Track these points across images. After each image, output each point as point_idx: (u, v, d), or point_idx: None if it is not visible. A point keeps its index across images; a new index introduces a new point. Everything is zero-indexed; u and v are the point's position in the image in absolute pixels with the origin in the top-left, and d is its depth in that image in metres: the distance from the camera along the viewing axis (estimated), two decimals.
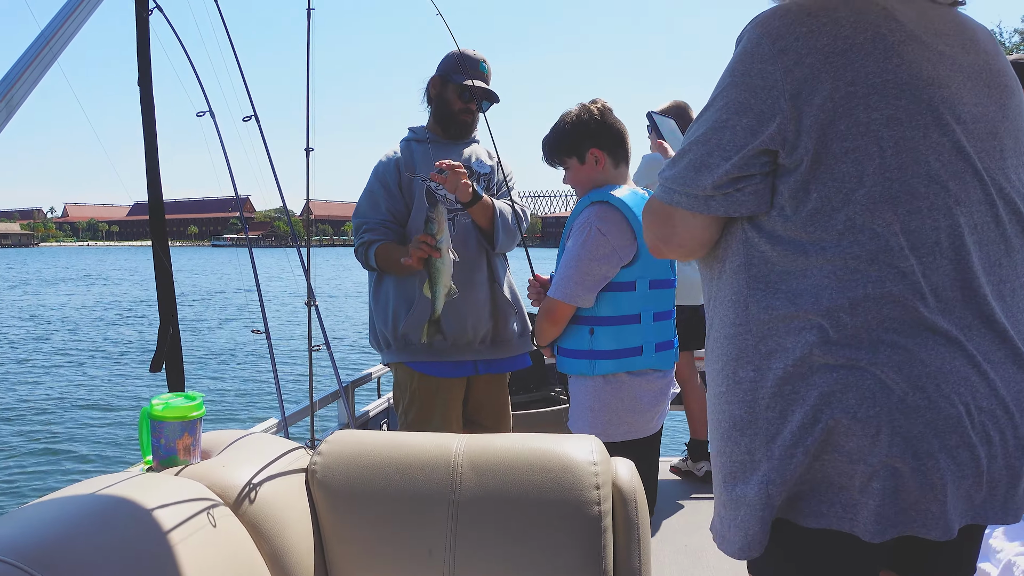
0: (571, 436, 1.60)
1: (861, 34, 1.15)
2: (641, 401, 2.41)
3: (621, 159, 2.50)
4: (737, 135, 1.18)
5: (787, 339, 1.16)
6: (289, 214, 2.57)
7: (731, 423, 1.23)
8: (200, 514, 1.30)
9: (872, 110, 1.13)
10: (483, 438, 1.60)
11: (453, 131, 2.89)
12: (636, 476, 1.57)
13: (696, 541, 3.16)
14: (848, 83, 1.13)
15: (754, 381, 1.20)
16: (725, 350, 1.25)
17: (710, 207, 1.23)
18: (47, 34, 1.44)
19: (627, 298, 2.36)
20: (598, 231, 2.31)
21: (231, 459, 1.51)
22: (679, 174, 1.26)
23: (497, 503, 1.47)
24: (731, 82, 1.21)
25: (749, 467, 1.20)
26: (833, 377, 1.13)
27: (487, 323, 2.81)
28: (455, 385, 2.83)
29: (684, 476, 4.02)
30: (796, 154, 1.15)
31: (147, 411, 1.47)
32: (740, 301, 1.23)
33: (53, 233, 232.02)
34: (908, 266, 1.12)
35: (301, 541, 1.47)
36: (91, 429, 9.94)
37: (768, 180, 1.20)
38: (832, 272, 1.14)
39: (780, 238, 1.18)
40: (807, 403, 1.14)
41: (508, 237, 2.80)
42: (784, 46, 1.15)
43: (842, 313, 1.13)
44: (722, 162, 1.19)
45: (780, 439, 1.16)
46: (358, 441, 1.62)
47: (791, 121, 1.14)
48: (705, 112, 1.25)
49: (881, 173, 1.12)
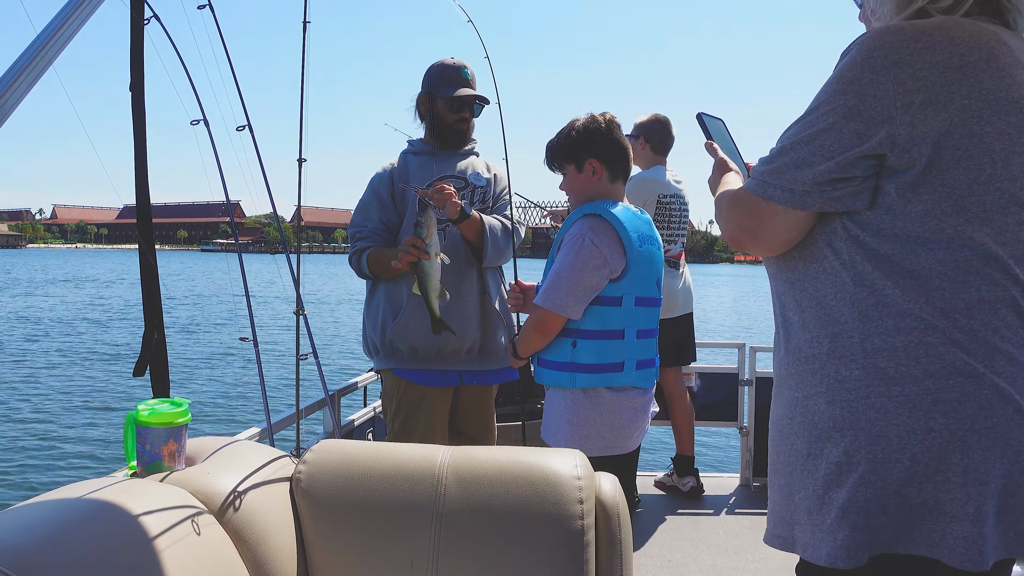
0: (555, 450, 1.61)
1: (976, 53, 1.18)
2: (620, 417, 2.40)
3: (619, 175, 2.50)
4: (843, 138, 1.21)
5: (897, 338, 1.18)
6: (280, 221, 2.57)
7: (830, 423, 1.23)
8: (184, 521, 1.30)
9: (985, 123, 1.17)
10: (468, 450, 1.60)
11: (453, 141, 2.93)
12: (620, 491, 1.58)
13: (679, 556, 3.17)
14: (964, 96, 1.16)
15: (859, 380, 1.20)
16: (824, 348, 1.25)
17: (805, 203, 1.25)
18: (42, 39, 1.45)
19: (612, 313, 2.36)
20: (591, 242, 2.31)
21: (216, 466, 1.51)
22: (777, 169, 1.28)
23: (481, 515, 1.48)
24: (839, 89, 1.22)
25: (846, 469, 1.20)
26: (950, 384, 1.14)
27: (475, 334, 2.82)
28: (440, 394, 2.84)
29: (668, 491, 4.03)
30: (908, 156, 1.18)
31: (132, 416, 1.47)
32: (843, 299, 1.24)
33: (41, 235, 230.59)
34: (1017, 274, 1.17)
35: (284, 550, 1.47)
36: (76, 433, 9.85)
37: (870, 182, 1.22)
38: (944, 273, 1.17)
39: (887, 235, 1.21)
40: (919, 408, 1.15)
41: (496, 253, 2.82)
42: (898, 59, 1.18)
43: (958, 314, 1.15)
44: (824, 161, 1.22)
45: (884, 442, 1.17)
46: (343, 450, 1.62)
47: (903, 127, 1.17)
48: (807, 116, 1.26)
49: (991, 183, 1.17)
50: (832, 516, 1.21)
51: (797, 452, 1.29)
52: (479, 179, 2.92)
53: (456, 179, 2.86)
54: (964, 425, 1.13)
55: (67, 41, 1.49)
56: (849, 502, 1.18)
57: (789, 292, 1.36)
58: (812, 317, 1.29)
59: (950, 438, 1.13)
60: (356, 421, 3.34)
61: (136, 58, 1.79)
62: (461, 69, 2.90)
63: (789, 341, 1.34)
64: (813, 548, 1.24)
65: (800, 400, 1.29)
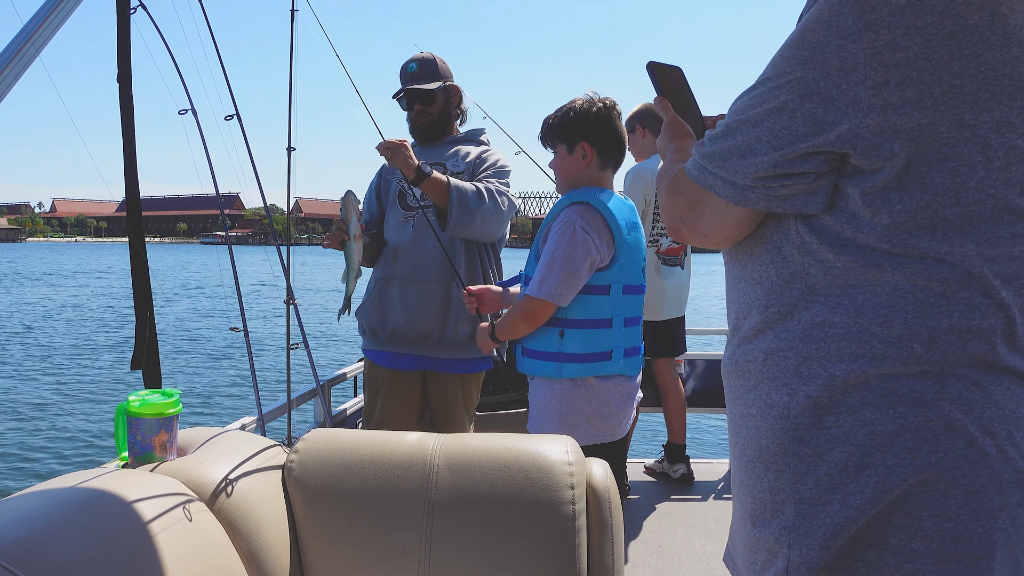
0: (546, 436, 1.62)
1: (976, 13, 0.91)
2: (608, 405, 2.39)
3: (609, 162, 2.47)
4: (796, 122, 0.98)
5: (837, 365, 0.99)
6: (271, 212, 2.57)
7: (756, 452, 1.07)
8: (176, 510, 1.30)
9: (981, 111, 0.92)
10: (459, 437, 1.61)
11: (418, 136, 3.00)
12: (611, 476, 1.58)
13: (670, 542, 3.18)
14: (955, 75, 0.91)
15: (787, 407, 1.02)
16: (758, 366, 1.07)
17: (748, 199, 1.05)
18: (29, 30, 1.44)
19: (600, 302, 2.35)
20: (581, 229, 2.29)
21: (207, 456, 1.51)
22: (719, 153, 1.06)
23: (472, 502, 1.48)
24: (798, 56, 0.98)
25: (771, 508, 1.04)
26: (889, 414, 0.96)
27: (434, 321, 2.82)
28: (399, 377, 2.90)
29: (659, 477, 4.05)
30: (877, 156, 0.95)
31: (123, 407, 1.48)
32: (787, 314, 1.04)
33: (41, 228, 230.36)
34: (1002, 298, 0.94)
35: (277, 538, 1.48)
36: (67, 425, 9.85)
37: (827, 179, 1.00)
38: (911, 292, 0.95)
39: (848, 245, 0.99)
40: (852, 442, 0.97)
41: (464, 214, 2.71)
42: (873, 20, 0.92)
43: (916, 344, 0.95)
44: (770, 150, 1.00)
45: (811, 481, 1.00)
46: (335, 439, 1.62)
47: (872, 115, 0.93)
48: (759, 87, 1.03)
49: (983, 189, 0.93)
50: (760, 559, 1.06)
51: (735, 473, 1.16)
52: (457, 164, 2.91)
53: (436, 165, 2.87)
54: (903, 461, 0.94)
55: (54, 31, 1.48)
56: (775, 546, 1.03)
57: (732, 289, 1.18)
58: (753, 325, 1.10)
59: (887, 475, 0.95)
60: (348, 410, 3.36)
61: (123, 48, 1.78)
62: (406, 66, 2.98)
63: (734, 345, 1.16)
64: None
65: (736, 419, 1.14)
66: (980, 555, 0.94)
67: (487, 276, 2.91)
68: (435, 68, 2.97)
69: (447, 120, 2.99)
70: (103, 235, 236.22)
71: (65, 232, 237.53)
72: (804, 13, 1.03)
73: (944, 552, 0.94)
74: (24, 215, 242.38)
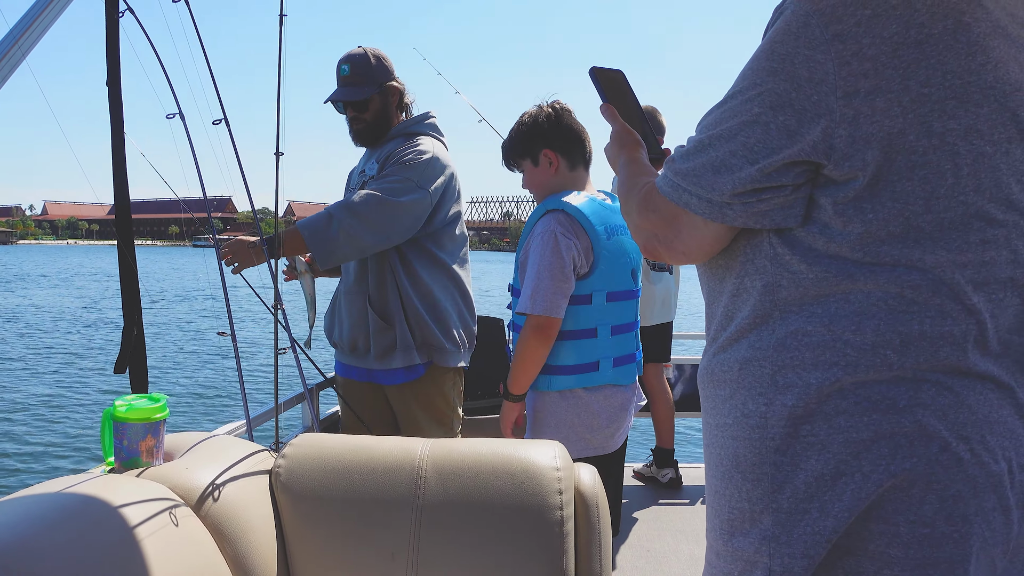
0: (534, 441, 1.61)
1: (940, 22, 0.94)
2: (599, 418, 2.35)
3: (578, 161, 2.42)
4: (770, 135, 0.98)
5: (812, 374, 0.99)
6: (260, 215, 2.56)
7: (733, 462, 1.06)
8: (162, 516, 1.29)
9: (949, 118, 0.94)
10: (447, 442, 1.61)
11: (357, 142, 2.86)
12: (599, 481, 1.58)
13: (659, 546, 3.19)
14: (922, 83, 0.93)
15: (764, 417, 1.02)
16: (734, 376, 1.07)
17: (726, 215, 1.05)
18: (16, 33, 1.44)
19: (583, 311, 2.30)
20: (562, 235, 2.24)
21: (194, 461, 1.51)
22: (694, 171, 1.06)
23: (460, 507, 1.48)
24: (768, 68, 0.99)
25: (748, 518, 1.03)
26: (864, 421, 0.96)
27: (357, 332, 2.77)
28: (354, 387, 2.90)
29: (647, 481, 4.05)
30: (848, 166, 0.96)
31: (110, 412, 1.47)
32: (762, 323, 1.05)
33: (32, 231, 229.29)
34: (973, 304, 0.95)
35: (264, 544, 1.47)
36: (53, 430, 9.78)
37: (803, 191, 1.01)
38: (883, 300, 0.96)
39: (820, 256, 1.00)
40: (828, 450, 0.97)
41: (325, 245, 2.54)
42: (840, 31, 0.94)
43: (889, 350, 0.96)
44: (746, 165, 1.00)
45: (789, 490, 1.00)
46: (322, 444, 1.62)
47: (843, 125, 0.95)
48: (730, 101, 1.04)
49: (953, 196, 0.95)
50: (737, 570, 1.06)
51: (710, 484, 1.14)
52: (372, 168, 2.78)
53: (362, 176, 2.83)
54: (878, 468, 0.95)
55: (41, 34, 1.48)
56: (755, 556, 1.03)
57: (707, 301, 1.17)
58: (730, 336, 1.10)
59: (863, 482, 0.95)
60: (336, 415, 3.35)
61: (112, 52, 1.78)
62: (339, 67, 2.78)
63: (710, 355, 1.15)
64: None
65: (712, 428, 1.13)
66: (956, 560, 0.94)
67: (399, 282, 2.69)
68: (369, 69, 2.73)
69: (386, 122, 2.80)
70: (94, 238, 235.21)
71: (57, 235, 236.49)
72: (770, 26, 1.04)
73: (921, 557, 0.94)
74: (15, 218, 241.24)
